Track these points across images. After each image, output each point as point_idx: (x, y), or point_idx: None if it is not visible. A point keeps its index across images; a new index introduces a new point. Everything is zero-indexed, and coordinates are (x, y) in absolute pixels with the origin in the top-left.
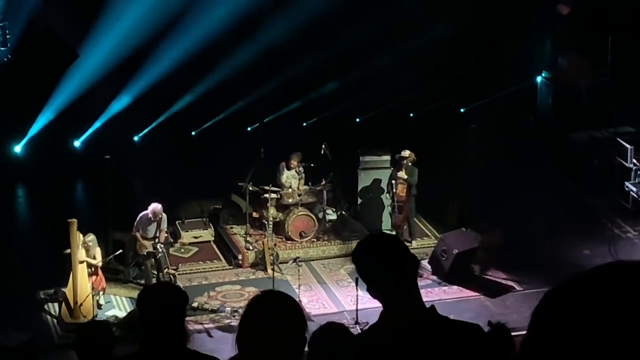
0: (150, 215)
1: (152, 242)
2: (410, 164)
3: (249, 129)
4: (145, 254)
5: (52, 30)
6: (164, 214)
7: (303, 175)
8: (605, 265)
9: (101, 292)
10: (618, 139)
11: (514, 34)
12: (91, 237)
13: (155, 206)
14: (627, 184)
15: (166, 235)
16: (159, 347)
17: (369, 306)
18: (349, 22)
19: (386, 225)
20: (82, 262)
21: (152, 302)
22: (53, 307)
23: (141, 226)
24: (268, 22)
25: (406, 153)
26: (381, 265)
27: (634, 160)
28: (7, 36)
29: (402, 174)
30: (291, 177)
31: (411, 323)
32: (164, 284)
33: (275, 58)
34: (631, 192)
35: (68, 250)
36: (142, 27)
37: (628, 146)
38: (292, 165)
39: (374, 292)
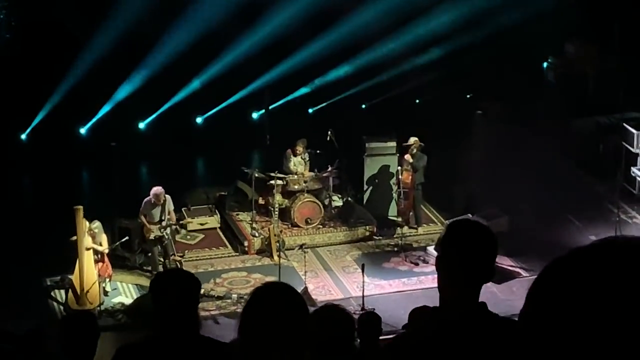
0: (153, 199)
1: (159, 225)
2: (415, 150)
3: (254, 115)
4: (153, 238)
5: (58, 17)
6: (167, 195)
7: (308, 161)
8: (605, 240)
9: (107, 279)
10: (624, 124)
11: (520, 19)
12: (97, 224)
13: (157, 189)
14: (633, 169)
15: (177, 215)
16: (173, 333)
17: (375, 292)
18: (355, 7)
19: (392, 211)
20: (88, 249)
21: (167, 288)
22: (60, 294)
23: (146, 211)
24: (274, 7)
25: (411, 141)
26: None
27: None
28: (12, 23)
29: (408, 157)
30: (298, 163)
31: (462, 314)
32: (177, 270)
33: (281, 44)
34: (637, 178)
35: (74, 237)
36: (147, 13)
37: (634, 131)
38: (297, 152)
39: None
